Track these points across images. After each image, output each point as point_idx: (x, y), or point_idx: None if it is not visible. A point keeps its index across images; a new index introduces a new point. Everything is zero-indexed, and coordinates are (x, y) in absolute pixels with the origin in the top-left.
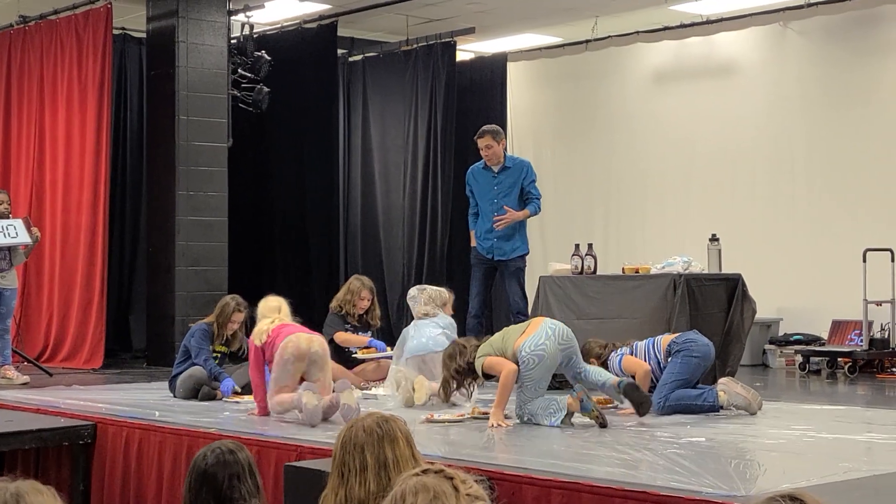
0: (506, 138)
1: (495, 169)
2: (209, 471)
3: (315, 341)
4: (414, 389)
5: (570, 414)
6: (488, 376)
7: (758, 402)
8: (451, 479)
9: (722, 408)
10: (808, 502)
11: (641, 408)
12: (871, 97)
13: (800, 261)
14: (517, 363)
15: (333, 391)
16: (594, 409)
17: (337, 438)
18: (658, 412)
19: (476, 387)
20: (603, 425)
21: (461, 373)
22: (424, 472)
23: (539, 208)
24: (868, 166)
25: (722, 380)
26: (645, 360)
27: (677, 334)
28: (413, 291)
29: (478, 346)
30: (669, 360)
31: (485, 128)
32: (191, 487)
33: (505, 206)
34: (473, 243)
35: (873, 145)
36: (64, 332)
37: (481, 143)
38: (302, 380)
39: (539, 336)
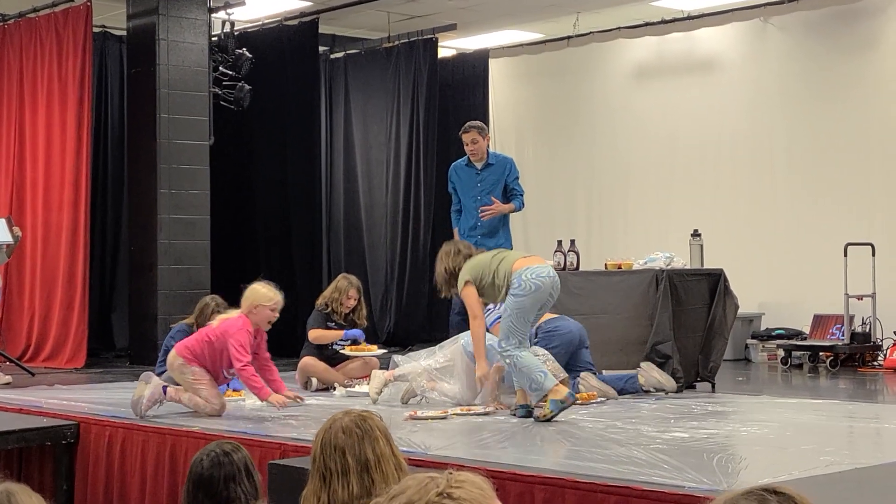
0: (489, 135)
1: (479, 166)
2: (204, 474)
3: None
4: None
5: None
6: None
7: (671, 385)
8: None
9: (643, 388)
10: (788, 493)
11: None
12: (852, 92)
13: (781, 256)
14: (507, 286)
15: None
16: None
17: (315, 439)
18: None
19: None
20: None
21: (449, 273)
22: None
23: (523, 204)
24: (848, 161)
25: (642, 364)
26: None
27: (547, 318)
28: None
29: (463, 258)
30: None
31: (470, 123)
32: (188, 491)
33: (493, 198)
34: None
35: (854, 140)
36: (46, 331)
37: (466, 137)
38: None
39: (542, 269)
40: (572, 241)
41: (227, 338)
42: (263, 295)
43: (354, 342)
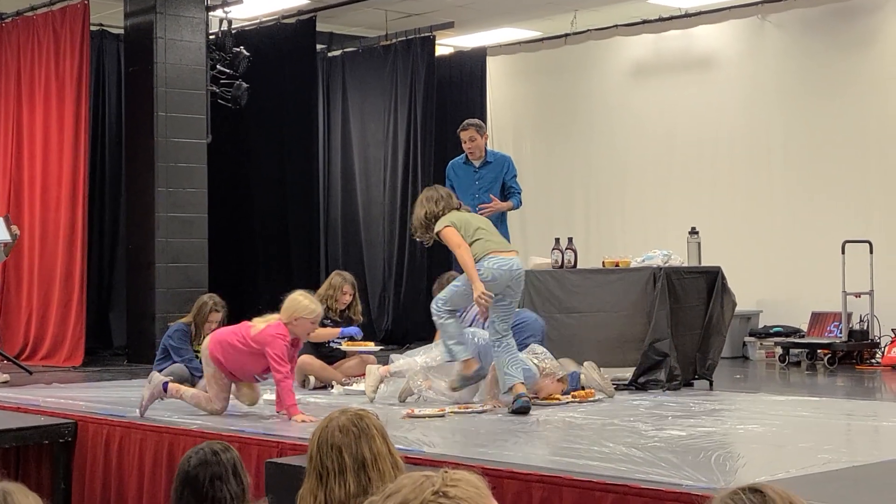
0: (487, 133)
1: (477, 164)
2: (191, 472)
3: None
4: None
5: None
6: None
7: (610, 391)
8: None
9: (584, 387)
10: (768, 494)
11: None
12: (849, 89)
13: (779, 253)
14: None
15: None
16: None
17: (311, 438)
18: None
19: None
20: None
21: (428, 218)
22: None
23: (520, 202)
24: (846, 158)
25: (585, 364)
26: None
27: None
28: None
29: (447, 209)
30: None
31: (469, 121)
32: (175, 488)
33: (491, 196)
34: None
35: (851, 137)
36: (44, 329)
37: (465, 135)
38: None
39: (506, 262)
40: (570, 239)
41: (264, 346)
42: (305, 307)
43: (351, 339)
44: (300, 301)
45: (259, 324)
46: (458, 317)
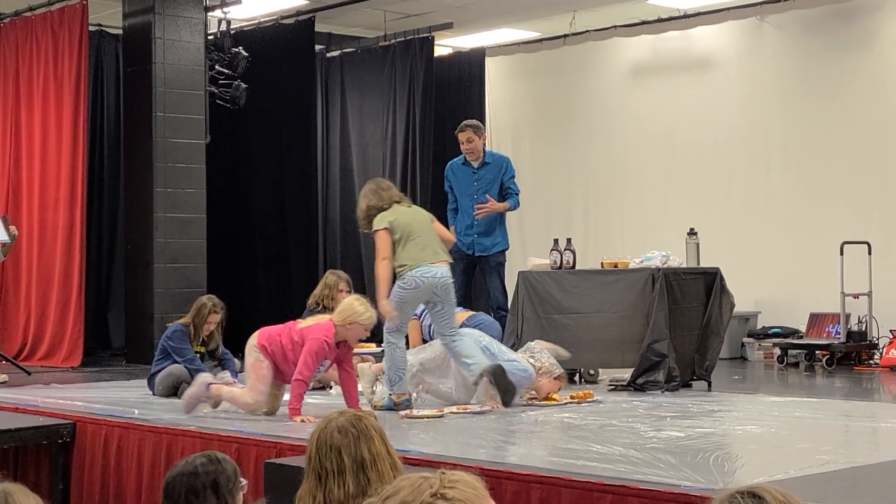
0: (485, 134)
1: (475, 164)
2: (169, 483)
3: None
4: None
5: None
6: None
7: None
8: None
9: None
10: (766, 498)
11: (506, 395)
12: (848, 90)
13: (778, 254)
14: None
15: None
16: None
17: (310, 438)
18: None
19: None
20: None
21: (370, 212)
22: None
23: (518, 203)
24: (845, 159)
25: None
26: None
27: (470, 314)
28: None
29: (389, 202)
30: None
31: (466, 122)
32: (161, 499)
33: (488, 196)
34: (453, 239)
35: (850, 138)
36: (42, 330)
37: (462, 136)
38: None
39: (431, 270)
40: (569, 240)
41: (304, 342)
42: (361, 312)
43: None
44: (356, 306)
45: (309, 321)
46: (399, 328)
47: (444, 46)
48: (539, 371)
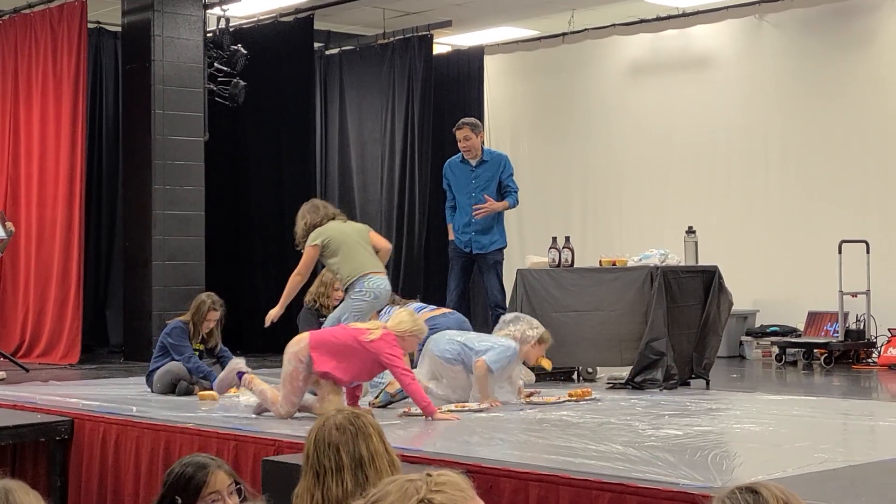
0: (483, 132)
1: (473, 162)
2: (165, 482)
3: (292, 342)
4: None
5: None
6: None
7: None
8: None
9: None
10: (762, 494)
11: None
12: (847, 89)
13: (776, 253)
14: (347, 283)
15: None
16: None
17: (308, 436)
18: None
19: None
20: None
21: (308, 229)
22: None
23: (517, 201)
24: (843, 158)
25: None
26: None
27: (441, 312)
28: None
29: (325, 218)
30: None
31: (464, 120)
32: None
33: (485, 195)
34: (451, 237)
35: (849, 137)
36: (40, 327)
37: (459, 134)
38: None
39: (382, 281)
40: (567, 238)
41: (380, 354)
42: (420, 327)
43: None
44: (409, 320)
45: (374, 331)
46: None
47: (443, 44)
48: (520, 341)
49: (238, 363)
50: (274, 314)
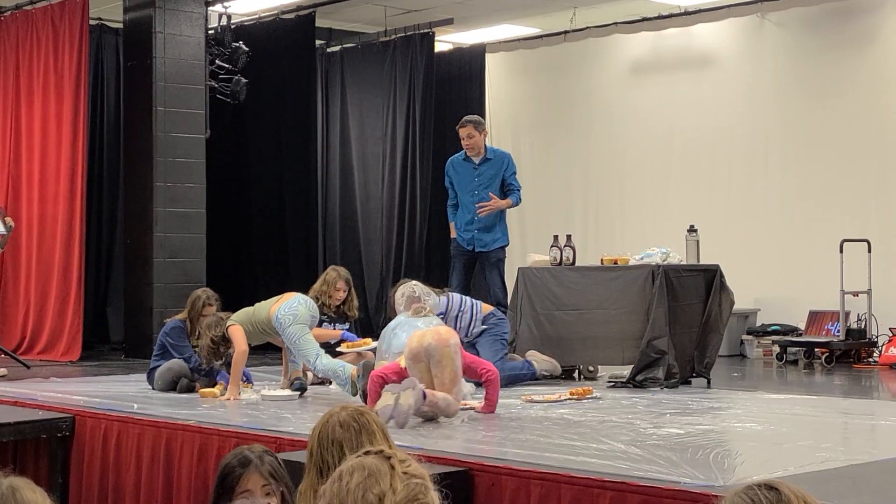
0: (486, 129)
1: (476, 160)
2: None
3: (428, 335)
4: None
5: (354, 384)
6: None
7: (558, 369)
8: (389, 458)
9: (536, 375)
10: (783, 492)
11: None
12: (849, 88)
13: (777, 252)
14: (273, 329)
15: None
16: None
17: (312, 433)
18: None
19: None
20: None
21: (216, 342)
22: (366, 453)
23: (520, 199)
24: (845, 157)
25: (528, 353)
26: (460, 311)
27: (493, 308)
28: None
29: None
30: (483, 335)
31: (467, 117)
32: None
33: (490, 193)
34: (453, 234)
35: (850, 136)
36: (41, 324)
37: (463, 132)
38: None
39: (293, 301)
40: (568, 237)
41: (465, 359)
42: None
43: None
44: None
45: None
46: (318, 352)
47: (445, 42)
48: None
49: (418, 385)
50: (233, 395)
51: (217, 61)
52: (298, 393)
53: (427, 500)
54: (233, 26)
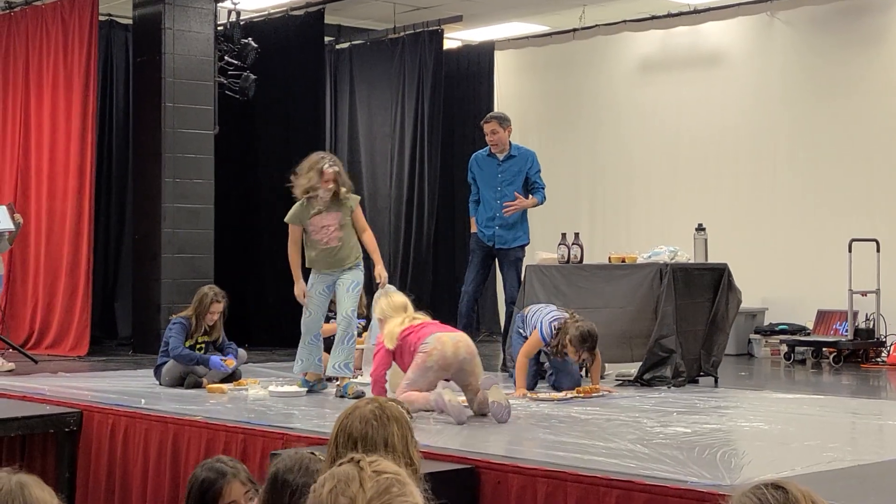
0: (511, 126)
1: (500, 157)
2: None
3: (461, 346)
4: None
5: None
6: None
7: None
8: (359, 462)
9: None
10: (791, 491)
11: None
12: (858, 87)
13: (785, 251)
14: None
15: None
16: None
17: (335, 423)
18: None
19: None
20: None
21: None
22: (340, 464)
23: (545, 198)
24: (854, 156)
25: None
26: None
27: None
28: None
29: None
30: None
31: (491, 113)
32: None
33: (515, 193)
34: (473, 229)
35: (859, 135)
36: (49, 319)
37: (487, 128)
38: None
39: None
40: (576, 235)
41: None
42: None
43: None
44: None
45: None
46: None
47: (454, 39)
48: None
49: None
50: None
51: (226, 57)
52: (305, 389)
53: (402, 492)
54: (242, 23)
